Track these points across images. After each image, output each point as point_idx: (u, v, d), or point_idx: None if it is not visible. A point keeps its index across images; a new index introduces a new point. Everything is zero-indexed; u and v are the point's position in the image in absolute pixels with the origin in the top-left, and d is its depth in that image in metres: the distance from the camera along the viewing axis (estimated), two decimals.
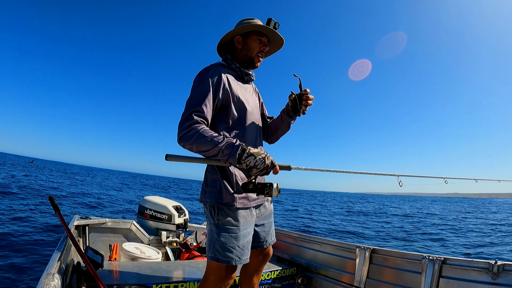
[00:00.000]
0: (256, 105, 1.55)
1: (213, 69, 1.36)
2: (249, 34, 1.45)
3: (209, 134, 1.20)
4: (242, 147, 1.19)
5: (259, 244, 1.55)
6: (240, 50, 1.47)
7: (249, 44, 1.46)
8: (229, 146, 1.19)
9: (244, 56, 1.48)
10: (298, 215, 15.26)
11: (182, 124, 1.23)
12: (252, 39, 1.45)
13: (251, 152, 1.18)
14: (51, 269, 1.23)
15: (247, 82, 1.54)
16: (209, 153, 1.20)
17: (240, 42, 1.46)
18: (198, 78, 1.34)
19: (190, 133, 1.20)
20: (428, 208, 30.27)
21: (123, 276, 1.84)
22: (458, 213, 24.41)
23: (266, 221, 1.57)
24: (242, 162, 1.18)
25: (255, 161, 1.17)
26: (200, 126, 1.22)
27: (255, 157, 1.17)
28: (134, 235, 2.98)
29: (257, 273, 1.66)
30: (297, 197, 37.92)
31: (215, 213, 1.34)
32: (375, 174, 1.81)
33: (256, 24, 1.42)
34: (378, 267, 2.11)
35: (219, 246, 1.31)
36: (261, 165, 1.17)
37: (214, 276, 1.35)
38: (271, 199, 1.59)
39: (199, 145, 1.20)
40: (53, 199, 1.93)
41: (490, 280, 1.58)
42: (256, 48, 1.46)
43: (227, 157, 1.19)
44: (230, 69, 1.46)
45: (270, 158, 1.20)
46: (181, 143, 1.23)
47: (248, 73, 1.51)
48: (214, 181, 1.36)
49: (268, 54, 1.60)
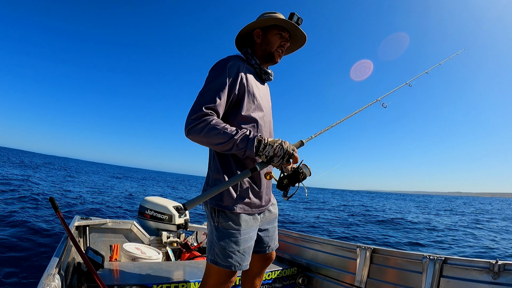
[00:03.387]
0: (270, 106, 1.47)
1: (232, 61, 1.28)
2: (269, 28, 1.38)
3: (222, 126, 1.14)
4: (258, 138, 1.13)
5: (262, 249, 1.50)
6: (260, 44, 1.40)
7: (269, 38, 1.38)
8: (244, 138, 1.13)
9: (264, 51, 1.39)
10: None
11: (190, 115, 1.16)
12: (273, 33, 1.38)
13: (268, 141, 1.13)
14: (52, 269, 1.23)
15: (265, 81, 1.47)
16: (222, 146, 1.14)
17: (259, 36, 1.39)
18: (215, 69, 1.26)
19: (200, 125, 1.13)
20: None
21: (124, 277, 1.84)
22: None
23: (270, 226, 1.52)
24: (260, 154, 1.12)
25: (274, 150, 1.11)
26: (210, 118, 1.15)
27: (272, 145, 1.12)
28: (135, 235, 2.98)
29: (259, 276, 1.64)
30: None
31: (215, 215, 1.28)
32: (360, 110, 1.64)
33: (278, 18, 1.35)
34: (379, 267, 2.11)
35: (218, 249, 1.27)
36: (281, 151, 1.11)
37: (214, 280, 1.32)
38: (276, 204, 1.55)
39: (210, 138, 1.13)
40: (54, 200, 1.94)
41: (491, 280, 1.58)
42: (276, 42, 1.38)
43: (244, 151, 1.13)
44: (250, 65, 1.38)
45: (287, 143, 1.14)
46: (189, 136, 1.16)
47: (268, 72, 1.43)
48: (216, 181, 1.30)
49: (289, 52, 1.53)
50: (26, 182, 12.88)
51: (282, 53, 1.43)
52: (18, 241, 4.60)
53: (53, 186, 13.84)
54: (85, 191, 13.69)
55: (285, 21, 1.35)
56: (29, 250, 4.27)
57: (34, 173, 19.62)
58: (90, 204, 9.89)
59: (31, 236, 4.91)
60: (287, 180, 1.18)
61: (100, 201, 10.90)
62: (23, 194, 9.43)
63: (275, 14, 1.39)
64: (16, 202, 8.07)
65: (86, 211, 8.41)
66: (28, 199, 8.78)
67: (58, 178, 19.56)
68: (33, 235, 5.01)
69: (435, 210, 23.86)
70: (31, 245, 4.48)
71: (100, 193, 14.02)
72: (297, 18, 1.35)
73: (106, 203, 10.54)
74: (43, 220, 6.31)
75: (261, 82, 1.43)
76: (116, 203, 11.23)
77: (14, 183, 11.77)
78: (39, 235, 5.06)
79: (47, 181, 16.04)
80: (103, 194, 14.00)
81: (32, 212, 7.09)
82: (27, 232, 5.13)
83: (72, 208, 8.61)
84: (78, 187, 15.58)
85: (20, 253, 4.11)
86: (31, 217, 6.45)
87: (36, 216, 6.71)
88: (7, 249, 4.16)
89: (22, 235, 4.91)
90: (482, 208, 31.63)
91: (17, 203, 8.03)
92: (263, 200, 1.37)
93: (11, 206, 7.56)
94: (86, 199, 10.72)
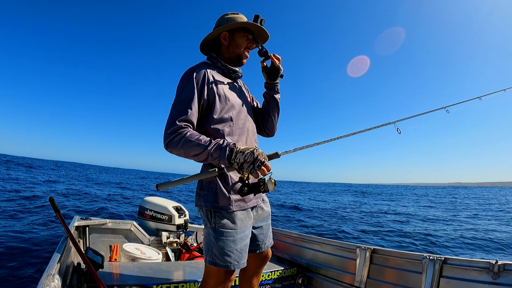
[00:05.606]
0: (247, 101, 1.50)
1: (198, 69, 1.32)
2: (236, 30, 1.41)
3: (195, 138, 1.18)
4: (230, 147, 1.16)
5: (257, 247, 1.51)
6: (227, 46, 1.43)
7: (236, 40, 1.42)
8: (217, 148, 1.16)
9: (232, 53, 1.43)
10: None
11: (166, 130, 1.21)
12: (240, 35, 1.42)
13: (240, 149, 1.15)
14: (52, 270, 1.23)
15: (235, 80, 1.49)
16: (198, 157, 1.19)
17: (226, 38, 1.42)
18: (183, 80, 1.31)
19: (176, 139, 1.18)
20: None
21: (124, 277, 1.84)
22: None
23: (264, 223, 1.54)
24: (233, 162, 1.15)
25: (244, 156, 1.13)
26: (185, 130, 1.19)
27: (243, 153, 1.14)
28: (134, 235, 2.98)
29: (257, 275, 1.64)
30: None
31: (211, 217, 1.31)
32: (370, 129, 1.65)
33: (247, 21, 1.39)
34: (378, 267, 2.11)
35: (216, 250, 1.28)
36: (250, 158, 1.13)
37: (213, 280, 1.33)
38: (268, 201, 1.57)
39: (187, 150, 1.18)
40: (54, 200, 1.94)
41: (490, 280, 1.58)
42: (243, 44, 1.43)
43: (218, 160, 1.17)
44: (216, 67, 1.42)
45: (259, 151, 1.16)
46: (168, 150, 1.21)
47: (235, 70, 1.46)
48: (209, 183, 1.32)
49: (251, 48, 1.56)
50: (27, 182, 12.87)
51: (247, 54, 1.47)
52: (18, 241, 4.60)
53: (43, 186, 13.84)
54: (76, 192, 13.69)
55: (253, 24, 1.38)
56: (29, 251, 4.27)
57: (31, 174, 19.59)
58: (90, 205, 9.89)
59: (31, 237, 4.90)
60: (247, 188, 1.21)
61: (99, 202, 10.89)
62: (23, 195, 9.42)
63: (238, 15, 1.42)
64: (16, 202, 8.06)
65: (86, 211, 8.41)
66: (28, 199, 8.78)
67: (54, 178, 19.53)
68: (33, 235, 5.01)
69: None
70: (31, 245, 4.48)
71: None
72: (260, 19, 1.39)
73: (105, 204, 10.54)
74: (43, 220, 6.30)
75: (231, 80, 1.46)
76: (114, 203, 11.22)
77: (14, 185, 11.77)
78: (39, 235, 5.06)
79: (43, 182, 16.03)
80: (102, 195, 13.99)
81: (32, 212, 7.08)
82: (27, 232, 5.13)
83: (72, 209, 8.61)
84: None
85: (20, 253, 4.10)
86: (31, 218, 6.45)
87: (36, 216, 6.70)
88: (7, 250, 4.16)
89: (21, 235, 4.91)
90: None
91: (17, 203, 8.03)
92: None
93: (11, 206, 7.56)
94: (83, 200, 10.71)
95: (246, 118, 1.44)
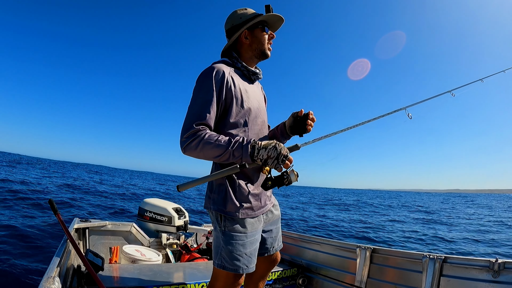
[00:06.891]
0: (263, 105, 1.46)
1: (217, 68, 1.26)
2: (254, 26, 1.37)
3: (215, 139, 1.15)
4: (251, 144, 1.15)
5: (266, 250, 1.50)
6: (249, 44, 1.38)
7: (258, 36, 1.37)
8: (239, 146, 1.14)
9: (255, 50, 1.38)
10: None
11: (183, 134, 1.17)
12: (259, 30, 1.37)
13: (262, 145, 1.14)
14: (52, 272, 1.23)
15: (254, 82, 1.45)
16: (219, 158, 1.16)
17: (247, 36, 1.37)
18: (201, 80, 1.25)
19: (194, 142, 1.15)
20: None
21: (124, 279, 1.84)
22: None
23: (274, 227, 1.53)
24: (256, 159, 1.14)
25: (267, 152, 1.12)
26: (203, 133, 1.16)
27: (265, 148, 1.13)
28: (134, 237, 2.97)
29: (263, 278, 1.63)
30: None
31: (221, 220, 1.28)
32: (382, 117, 1.65)
33: (266, 14, 1.34)
34: (379, 266, 2.11)
35: (225, 253, 1.27)
36: (274, 152, 1.12)
37: (221, 283, 1.32)
38: (278, 205, 1.56)
39: (207, 153, 1.16)
40: (53, 202, 1.93)
41: (491, 278, 1.58)
42: (265, 38, 1.38)
43: (240, 159, 1.15)
44: (236, 68, 1.37)
45: (281, 145, 1.15)
46: (186, 153, 1.18)
47: (255, 72, 1.41)
48: (219, 186, 1.29)
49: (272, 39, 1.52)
50: (25, 183, 12.84)
51: (271, 47, 1.42)
52: (17, 243, 4.58)
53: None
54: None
55: (272, 15, 1.35)
56: (29, 252, 4.25)
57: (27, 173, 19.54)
58: (89, 206, 9.87)
59: (30, 239, 4.89)
60: (271, 182, 1.20)
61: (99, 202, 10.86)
62: (22, 196, 9.40)
63: (246, 10, 1.38)
64: (15, 204, 8.04)
65: (86, 213, 8.39)
66: (28, 199, 8.75)
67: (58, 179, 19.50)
68: (32, 237, 4.99)
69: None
70: (30, 247, 4.47)
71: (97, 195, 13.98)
72: (271, 8, 1.35)
73: (105, 204, 10.51)
74: (43, 222, 6.28)
75: (250, 83, 1.42)
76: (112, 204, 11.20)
77: (14, 185, 11.74)
78: (38, 237, 5.04)
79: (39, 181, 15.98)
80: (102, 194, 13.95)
81: (32, 214, 7.06)
82: (26, 234, 5.11)
83: (71, 210, 8.59)
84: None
85: (19, 255, 4.09)
86: (31, 219, 6.43)
87: (36, 218, 6.68)
88: (7, 252, 4.15)
89: (21, 237, 4.89)
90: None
91: (16, 205, 8.01)
92: (262, 201, 1.38)
93: (10, 208, 7.54)
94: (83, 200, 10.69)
95: (262, 124, 1.41)
